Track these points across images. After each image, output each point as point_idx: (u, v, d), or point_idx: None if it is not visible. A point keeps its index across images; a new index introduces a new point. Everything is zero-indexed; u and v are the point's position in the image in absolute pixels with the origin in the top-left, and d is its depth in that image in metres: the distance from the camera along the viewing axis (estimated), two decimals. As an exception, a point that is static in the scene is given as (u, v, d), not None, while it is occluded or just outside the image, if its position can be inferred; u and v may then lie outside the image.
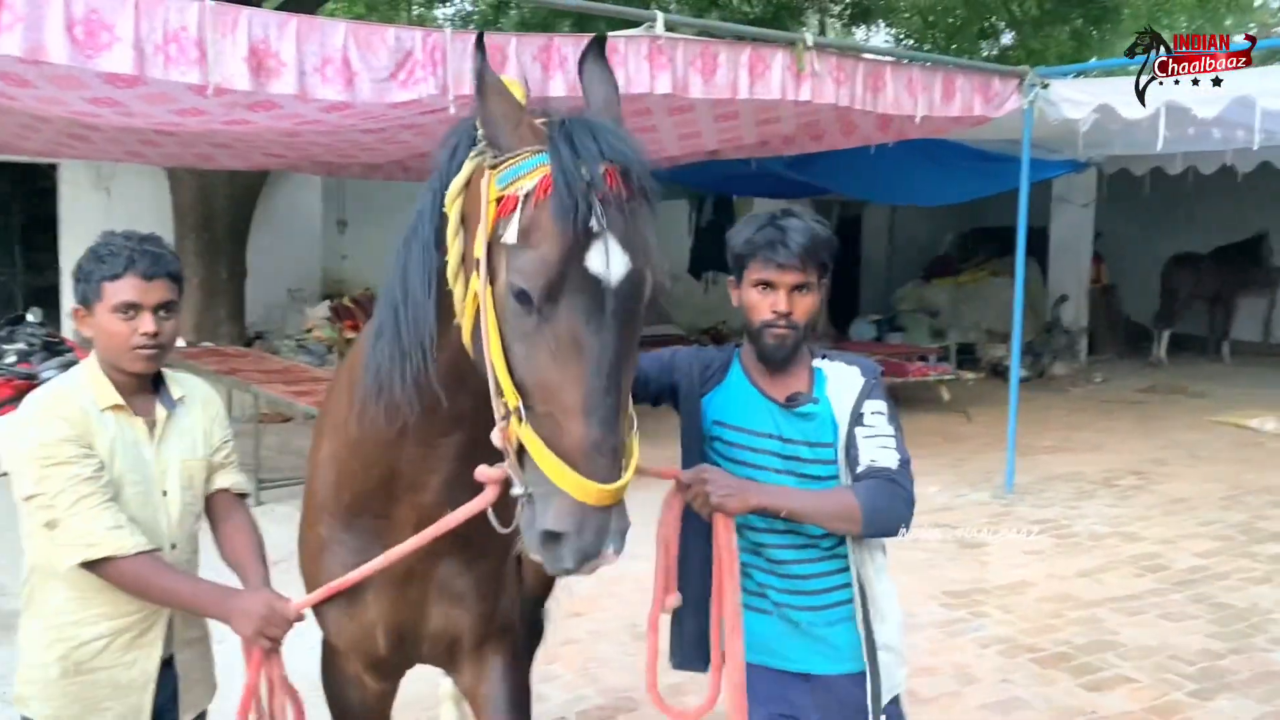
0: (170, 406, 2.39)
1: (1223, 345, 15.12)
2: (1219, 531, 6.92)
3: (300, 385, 7.22)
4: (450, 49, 5.06)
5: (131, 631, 2.32)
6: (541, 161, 1.64)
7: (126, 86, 4.83)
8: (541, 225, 1.61)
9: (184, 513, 2.40)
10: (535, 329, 1.62)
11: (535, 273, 1.60)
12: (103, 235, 2.34)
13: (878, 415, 2.30)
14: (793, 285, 2.29)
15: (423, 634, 2.31)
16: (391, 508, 2.16)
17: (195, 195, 11.02)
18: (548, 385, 1.62)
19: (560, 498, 1.60)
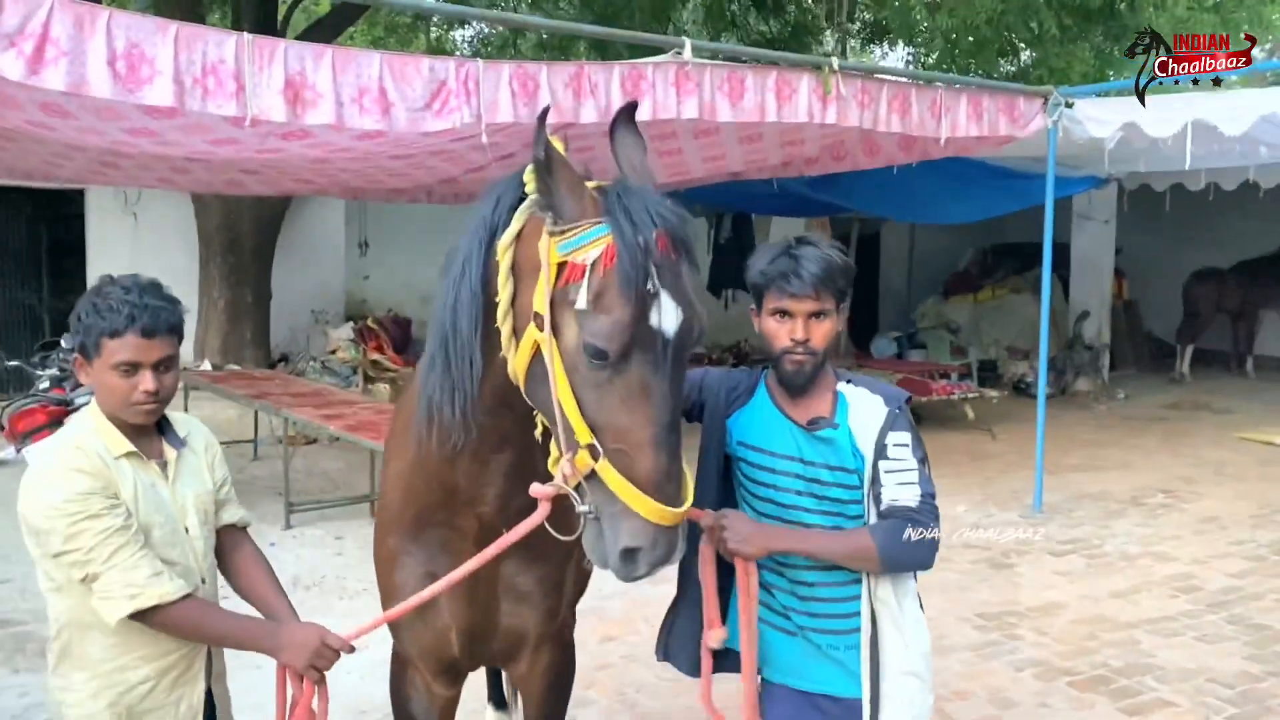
0: (179, 446, 2.42)
1: (1246, 361, 15.04)
2: (1251, 551, 6.88)
3: (331, 408, 7.26)
4: (483, 78, 5.11)
5: (176, 669, 2.35)
6: (603, 233, 1.86)
7: (164, 117, 4.90)
8: (610, 292, 1.83)
9: (206, 548, 2.43)
10: (608, 380, 1.86)
11: (611, 336, 1.83)
12: (102, 283, 2.32)
13: (901, 448, 2.33)
14: (809, 313, 2.34)
15: (493, 633, 2.49)
16: (454, 518, 2.34)
17: (221, 219, 11.15)
18: (621, 427, 1.86)
19: (635, 519, 1.85)
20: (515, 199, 2.02)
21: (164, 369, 2.30)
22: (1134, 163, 8.97)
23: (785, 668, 2.47)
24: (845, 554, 2.29)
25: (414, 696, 2.59)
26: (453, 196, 10.26)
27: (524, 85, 5.26)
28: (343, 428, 6.55)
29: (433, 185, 8.78)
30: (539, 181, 1.91)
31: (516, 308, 1.97)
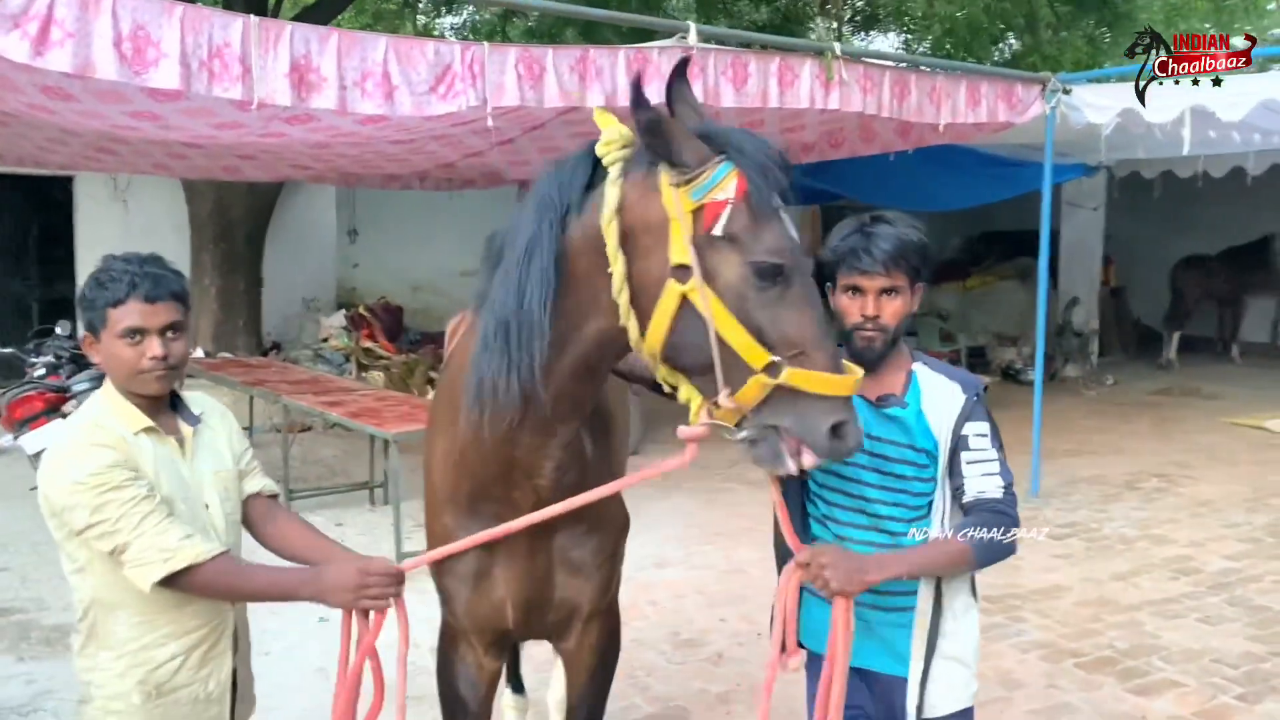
0: (194, 423, 2.41)
1: (1233, 346, 15.16)
2: (1247, 534, 6.95)
3: (330, 395, 7.22)
4: (489, 61, 5.09)
5: (203, 646, 2.35)
6: (730, 169, 1.95)
7: (168, 100, 4.87)
8: (761, 215, 1.95)
9: (228, 523, 2.42)
10: (779, 295, 1.95)
11: (781, 249, 1.95)
12: (104, 260, 2.32)
13: (981, 438, 2.33)
14: (880, 290, 2.34)
15: (548, 604, 2.51)
16: (511, 493, 2.34)
17: (213, 207, 11.06)
18: (798, 332, 1.95)
19: (832, 400, 1.95)
20: (586, 179, 2.06)
21: (172, 335, 2.28)
22: (1131, 149, 9.02)
23: (825, 639, 2.42)
24: (944, 565, 2.28)
25: (463, 671, 2.60)
26: (446, 182, 10.24)
27: (529, 68, 5.24)
28: (345, 414, 6.52)
29: (429, 170, 8.75)
30: (652, 140, 1.95)
31: (637, 276, 2.00)
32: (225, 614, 2.40)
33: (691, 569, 6.14)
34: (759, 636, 5.15)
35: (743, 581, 5.90)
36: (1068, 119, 7.48)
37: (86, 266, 10.70)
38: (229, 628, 2.41)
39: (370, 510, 7.47)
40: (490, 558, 2.42)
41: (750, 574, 6.00)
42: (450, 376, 2.52)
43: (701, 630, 5.25)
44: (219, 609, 2.38)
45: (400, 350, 12.00)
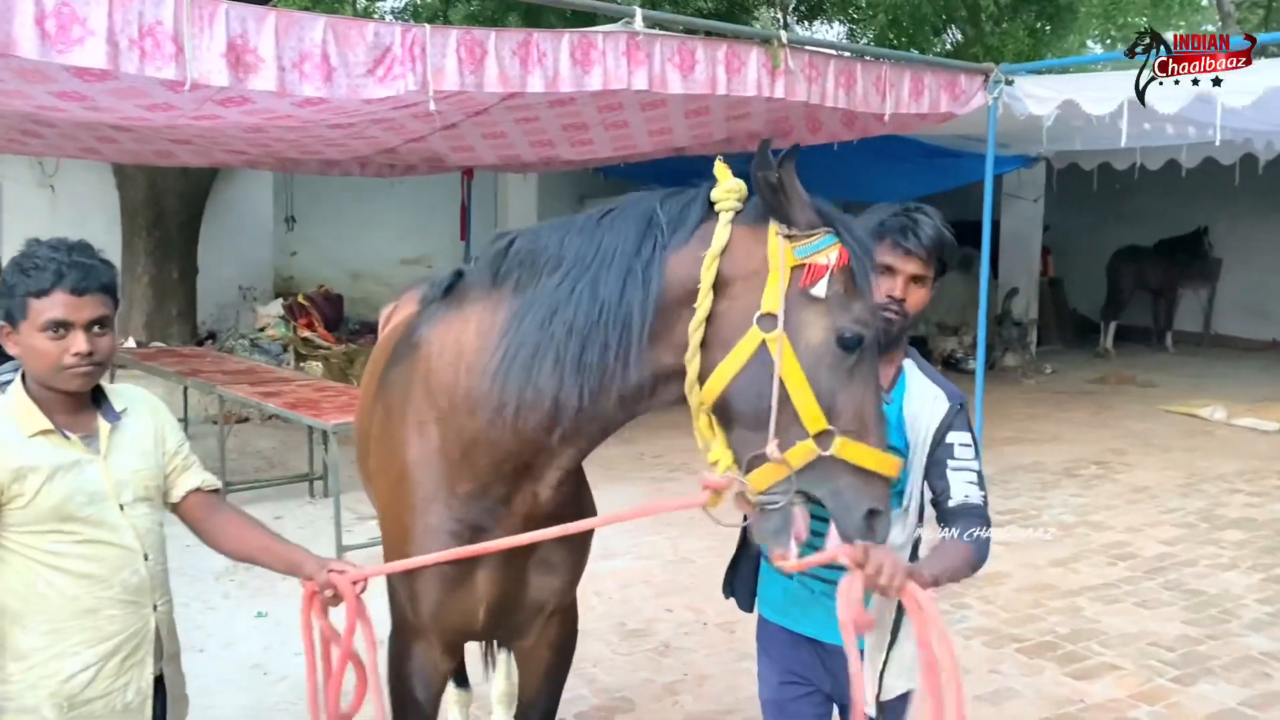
0: (113, 419, 2.27)
1: (1166, 336, 15.50)
2: (1181, 519, 7.09)
3: (267, 386, 7.07)
4: (430, 44, 4.97)
5: (121, 653, 2.23)
6: (834, 240, 2.01)
7: (96, 80, 4.69)
8: (856, 288, 2.03)
9: (149, 523, 2.30)
10: (854, 365, 2.01)
11: (868, 322, 2.02)
12: (28, 244, 2.19)
13: (966, 448, 2.37)
14: (911, 275, 2.36)
15: (520, 605, 2.48)
16: (512, 494, 2.31)
17: (145, 193, 10.78)
18: (860, 406, 2.01)
19: (875, 483, 2.00)
20: (700, 217, 2.08)
21: (98, 330, 2.16)
22: (1070, 141, 9.13)
23: (779, 607, 2.54)
24: (964, 567, 2.27)
25: (419, 671, 2.52)
26: (388, 168, 10.06)
27: (471, 52, 5.13)
28: (282, 405, 6.39)
29: (369, 156, 8.58)
30: (771, 196, 2.00)
31: (720, 317, 2.03)
32: (146, 619, 2.28)
33: (638, 559, 6.11)
34: (705, 626, 5.14)
35: (689, 571, 5.88)
36: (1010, 110, 7.54)
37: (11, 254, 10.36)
38: (150, 633, 2.29)
39: (309, 503, 7.33)
40: (472, 560, 2.34)
41: (697, 563, 5.99)
42: (426, 370, 2.35)
43: (648, 620, 5.22)
44: (139, 614, 2.26)
45: (340, 340, 11.82)
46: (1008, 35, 10.76)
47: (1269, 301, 15.36)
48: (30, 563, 2.14)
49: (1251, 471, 8.44)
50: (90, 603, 2.17)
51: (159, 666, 2.33)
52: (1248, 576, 5.93)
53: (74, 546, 2.16)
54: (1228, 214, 14.70)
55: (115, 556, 2.20)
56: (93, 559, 2.18)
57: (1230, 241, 15.19)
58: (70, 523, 2.15)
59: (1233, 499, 7.61)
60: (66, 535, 2.15)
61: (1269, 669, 4.70)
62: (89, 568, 2.17)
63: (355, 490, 7.22)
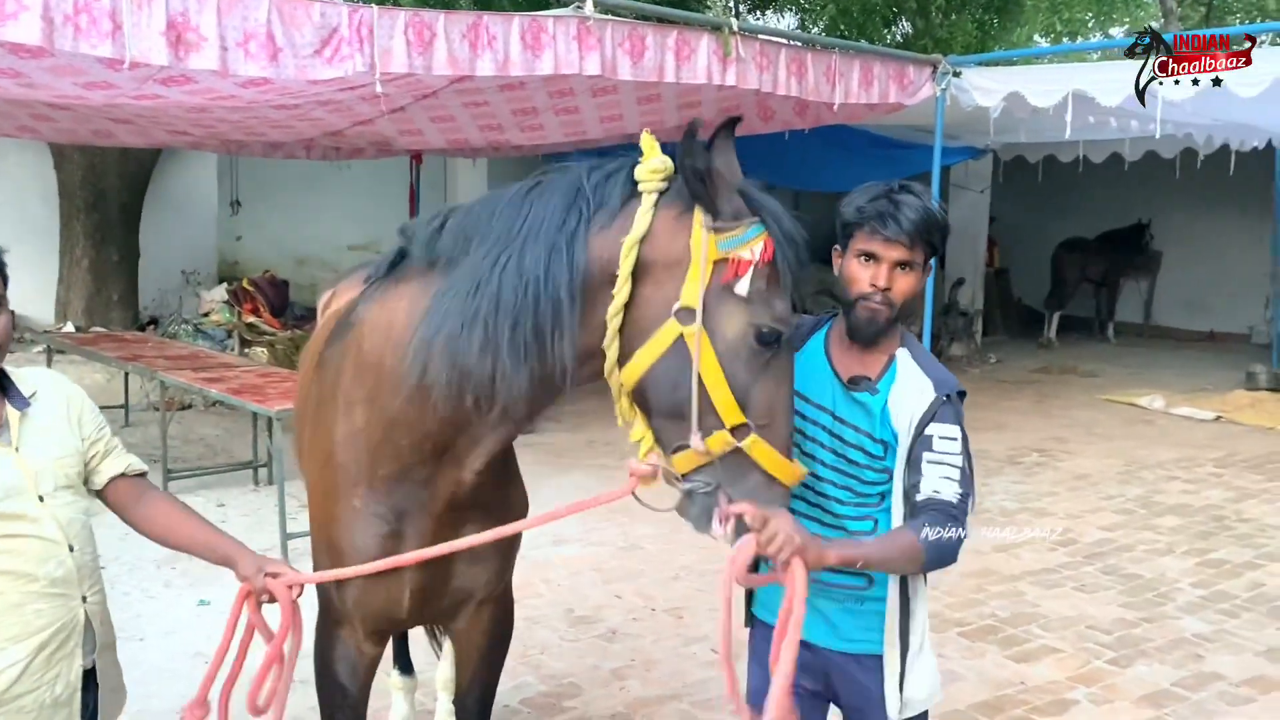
0: (22, 406, 2.18)
1: (1108, 327, 15.79)
2: (1121, 506, 7.24)
3: (210, 372, 6.95)
4: (378, 25, 4.92)
5: (49, 647, 2.15)
6: (760, 232, 1.97)
7: (30, 58, 4.59)
8: (777, 284, 1.99)
9: (72, 512, 2.22)
10: (769, 362, 1.99)
11: (784, 320, 1.99)
12: None
13: (948, 441, 2.21)
14: (896, 261, 2.22)
15: (445, 593, 2.46)
16: (435, 478, 2.27)
17: (84, 174, 10.54)
18: (771, 403, 2.01)
19: (775, 487, 2.01)
20: (624, 195, 2.02)
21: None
22: (1015, 133, 9.25)
23: (769, 606, 2.41)
24: (898, 558, 2.15)
25: (343, 656, 2.50)
26: (334, 151, 9.94)
27: (420, 34, 5.08)
28: (225, 391, 6.28)
29: (315, 138, 8.46)
30: (695, 185, 1.95)
31: (639, 305, 1.99)
32: (74, 610, 2.20)
33: (588, 545, 6.10)
34: (653, 612, 5.16)
35: (639, 558, 5.89)
36: (957, 101, 7.62)
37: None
38: (78, 625, 2.21)
39: (254, 490, 7.22)
40: (396, 545, 2.31)
41: (646, 549, 6.00)
42: (363, 344, 2.30)
43: (596, 607, 5.22)
44: (67, 606, 2.18)
45: (285, 326, 11.63)
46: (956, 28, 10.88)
47: (1207, 294, 15.71)
48: None
49: (1188, 459, 8.63)
50: (15, 598, 2.09)
51: (90, 659, 2.26)
52: (1182, 561, 6.07)
53: None
54: (1168, 207, 15.01)
55: (37, 549, 2.12)
56: (13, 553, 2.10)
57: (1170, 235, 15.51)
58: None
59: (1170, 486, 7.78)
60: None
61: (1201, 650, 4.81)
62: (10, 563, 2.09)
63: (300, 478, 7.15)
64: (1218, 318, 15.72)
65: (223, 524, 6.27)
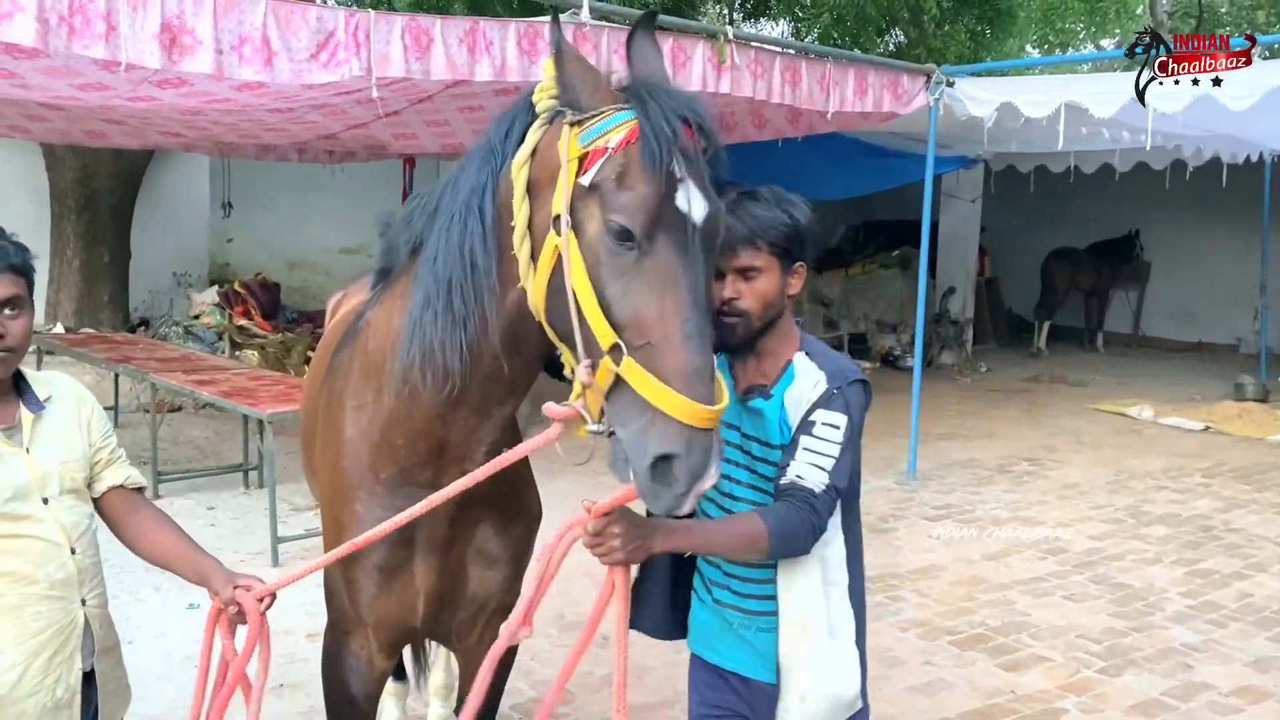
0: (36, 409, 2.20)
1: (1097, 336, 15.85)
2: (1110, 515, 7.26)
3: (201, 374, 6.94)
4: (374, 30, 4.91)
5: (48, 650, 2.16)
6: (627, 117, 1.76)
7: (25, 58, 4.58)
8: (634, 170, 1.73)
9: (76, 515, 2.23)
10: (634, 265, 1.73)
11: (636, 209, 1.71)
12: None
13: (829, 429, 2.14)
14: (736, 269, 2.16)
15: (459, 600, 2.37)
16: (439, 478, 2.17)
17: (76, 174, 10.52)
18: (648, 317, 1.71)
19: (666, 423, 1.66)
20: (527, 123, 1.92)
21: (11, 312, 2.09)
22: (1008, 143, 9.29)
23: (701, 638, 2.42)
24: (735, 545, 2.11)
25: (354, 668, 2.43)
26: (326, 154, 9.93)
27: (416, 39, 5.08)
28: (217, 394, 6.27)
29: (309, 141, 8.46)
30: (557, 75, 1.83)
31: (534, 227, 1.86)
32: (74, 613, 2.21)
33: (578, 551, 6.04)
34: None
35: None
36: (951, 111, 7.65)
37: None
38: (77, 628, 2.21)
39: (244, 494, 7.21)
40: (406, 549, 2.26)
41: (636, 556, 5.99)
42: (361, 351, 2.31)
43: (587, 613, 5.20)
44: (66, 609, 2.19)
45: (277, 328, 11.61)
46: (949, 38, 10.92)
47: (1195, 304, 15.78)
48: None
49: (1176, 469, 8.66)
50: (14, 600, 2.10)
51: (89, 662, 2.26)
52: (1171, 570, 6.10)
53: None
54: (1158, 218, 15.07)
55: (39, 551, 2.13)
56: (15, 554, 2.11)
57: (1160, 245, 15.58)
58: None
59: (1158, 495, 7.81)
60: None
61: (1190, 660, 4.83)
62: (11, 564, 2.10)
63: (291, 481, 7.12)
64: (1206, 328, 15.79)
65: (212, 527, 6.34)
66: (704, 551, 2.11)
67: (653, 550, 1.97)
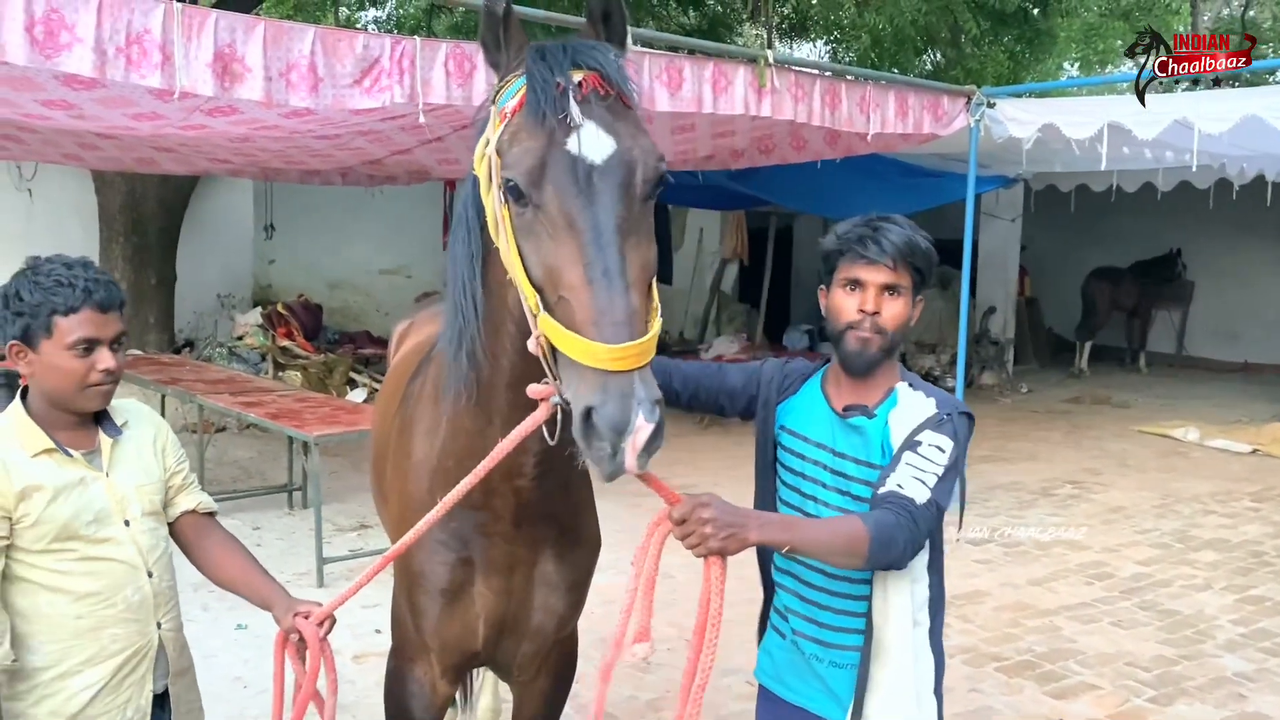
0: (115, 434, 2.27)
1: (1140, 356, 15.66)
2: (1157, 539, 7.16)
3: (247, 395, 7.03)
4: (420, 57, 4.99)
5: (123, 671, 2.22)
6: (523, 82, 1.77)
7: (84, 89, 4.68)
8: (519, 127, 1.74)
9: (153, 539, 2.30)
10: (535, 220, 1.71)
11: (520, 163, 1.71)
12: (34, 262, 2.18)
13: (936, 450, 2.09)
14: (882, 285, 2.14)
15: (522, 626, 2.37)
16: (490, 499, 2.18)
17: (124, 199, 10.70)
18: (553, 269, 1.69)
19: (582, 373, 1.62)
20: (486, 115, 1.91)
21: (117, 346, 2.18)
22: (1049, 163, 9.23)
23: (771, 671, 2.39)
24: (835, 547, 2.00)
25: (417, 694, 2.45)
26: (368, 179, 10.04)
27: (460, 66, 5.15)
28: (263, 415, 6.35)
29: (352, 166, 8.57)
30: (485, 57, 1.88)
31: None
32: (149, 635, 2.27)
33: (620, 574, 6.01)
34: (686, 642, 5.13)
35: (670, 587, 5.86)
36: (991, 132, 7.62)
37: (-9, 260, 9.95)
38: (152, 649, 2.28)
39: (289, 514, 7.28)
40: (466, 570, 2.29)
41: (678, 579, 5.97)
42: (423, 383, 2.37)
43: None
44: (142, 631, 2.25)
45: (319, 349, 11.75)
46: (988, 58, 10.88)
47: (1240, 324, 15.56)
48: (33, 585, 2.13)
49: (1224, 493, 8.53)
50: (93, 621, 2.16)
51: (162, 684, 2.32)
52: (1221, 597, 6.00)
53: (77, 564, 2.15)
54: (1201, 237, 14.90)
55: (118, 573, 2.19)
56: (95, 576, 2.17)
57: (1203, 264, 15.39)
58: (73, 541, 2.14)
59: (1206, 520, 7.69)
60: (68, 554, 2.14)
61: (1243, 690, 4.74)
62: (91, 585, 2.16)
63: (335, 502, 7.19)
64: (1252, 348, 15.55)
65: (258, 548, 6.39)
66: (802, 549, 1.98)
67: (748, 541, 1.89)
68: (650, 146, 1.78)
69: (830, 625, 2.24)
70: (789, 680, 2.33)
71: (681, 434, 10.29)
